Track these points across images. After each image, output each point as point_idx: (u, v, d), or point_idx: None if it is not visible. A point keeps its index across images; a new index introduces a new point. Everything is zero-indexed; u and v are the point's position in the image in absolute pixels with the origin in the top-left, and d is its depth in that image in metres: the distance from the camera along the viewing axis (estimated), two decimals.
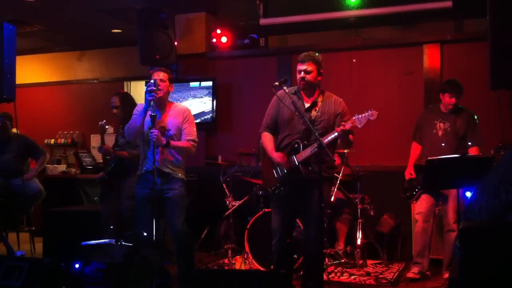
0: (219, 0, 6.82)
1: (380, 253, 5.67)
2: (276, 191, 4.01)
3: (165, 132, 4.13)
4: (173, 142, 4.12)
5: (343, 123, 3.83)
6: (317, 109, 3.98)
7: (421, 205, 5.00)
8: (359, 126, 3.79)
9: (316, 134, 3.75)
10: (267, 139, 4.13)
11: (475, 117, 5.02)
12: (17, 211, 6.07)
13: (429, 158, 4.33)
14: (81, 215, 5.53)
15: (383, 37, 6.90)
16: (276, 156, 3.99)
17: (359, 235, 5.44)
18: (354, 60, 6.62)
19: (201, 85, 6.99)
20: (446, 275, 4.82)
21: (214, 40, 7.18)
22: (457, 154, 4.78)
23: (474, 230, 2.43)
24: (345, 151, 5.48)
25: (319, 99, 4.02)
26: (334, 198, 5.38)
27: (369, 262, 5.55)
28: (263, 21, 6.85)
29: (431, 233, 5.01)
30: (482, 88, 5.32)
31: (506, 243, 2.35)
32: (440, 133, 5.00)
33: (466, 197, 4.63)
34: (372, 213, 5.61)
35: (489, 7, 4.08)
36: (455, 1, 6.02)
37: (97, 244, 3.86)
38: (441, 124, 5.01)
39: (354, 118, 3.80)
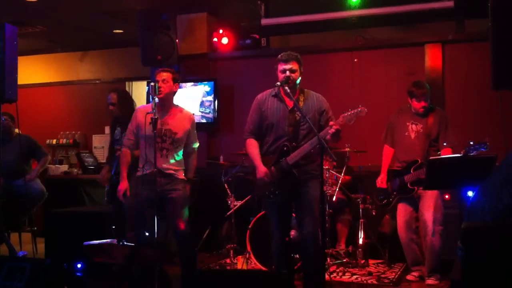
0: (221, 0, 6.82)
1: (381, 253, 5.67)
2: (271, 195, 3.98)
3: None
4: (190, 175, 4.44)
5: (332, 122, 3.79)
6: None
7: (400, 216, 4.95)
8: (349, 124, 3.78)
9: (316, 131, 3.72)
10: (252, 146, 4.08)
11: (446, 116, 4.95)
12: (19, 212, 6.07)
13: (430, 158, 4.31)
14: (83, 215, 5.54)
15: (385, 37, 6.90)
16: (259, 170, 3.95)
17: (360, 235, 5.44)
18: (355, 60, 6.62)
19: (203, 86, 7.01)
20: (429, 281, 4.76)
21: (216, 40, 7.19)
22: (428, 156, 4.74)
23: (476, 231, 2.43)
24: (347, 150, 5.48)
25: (301, 99, 3.97)
26: (335, 198, 5.37)
27: (371, 262, 5.55)
28: (264, 22, 6.85)
29: (417, 238, 4.94)
30: (484, 88, 5.33)
31: (508, 244, 2.35)
32: (413, 135, 4.91)
33: (468, 197, 4.62)
34: (373, 213, 5.61)
35: (490, 7, 4.08)
36: (456, 1, 6.02)
37: (99, 244, 3.87)
38: (413, 126, 4.92)
39: (342, 116, 3.77)
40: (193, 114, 4.84)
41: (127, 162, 4.37)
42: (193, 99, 7.00)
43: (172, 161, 4.27)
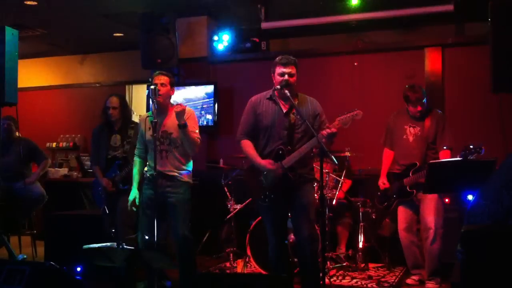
0: (221, 4, 6.83)
1: (381, 257, 5.66)
2: (266, 199, 3.94)
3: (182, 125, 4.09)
4: (187, 130, 4.10)
5: (328, 125, 3.80)
6: (295, 112, 3.92)
7: (401, 220, 4.95)
8: (345, 127, 3.77)
9: (314, 132, 3.72)
10: (249, 147, 4.02)
11: (444, 118, 4.92)
12: (18, 215, 6.07)
13: (430, 161, 4.30)
14: (83, 218, 5.53)
15: (385, 40, 6.91)
16: (265, 163, 3.90)
17: (360, 238, 5.43)
18: (355, 64, 6.62)
19: (203, 89, 7.02)
20: (429, 285, 4.76)
21: (216, 44, 7.20)
22: (427, 158, 4.74)
23: (476, 234, 2.42)
24: (347, 154, 5.48)
25: (296, 102, 3.93)
26: (336, 202, 5.37)
27: (370, 265, 5.54)
28: (264, 25, 6.86)
29: (418, 241, 4.94)
30: (483, 91, 5.32)
31: (509, 247, 2.34)
32: (411, 138, 4.90)
33: (468, 201, 4.60)
34: (373, 217, 5.60)
35: (490, 10, 4.09)
36: (456, 4, 6.03)
37: (98, 247, 3.86)
38: (411, 129, 4.92)
39: (338, 119, 3.76)
40: None
41: (139, 171, 4.39)
42: (193, 102, 7.01)
43: (175, 162, 4.25)
